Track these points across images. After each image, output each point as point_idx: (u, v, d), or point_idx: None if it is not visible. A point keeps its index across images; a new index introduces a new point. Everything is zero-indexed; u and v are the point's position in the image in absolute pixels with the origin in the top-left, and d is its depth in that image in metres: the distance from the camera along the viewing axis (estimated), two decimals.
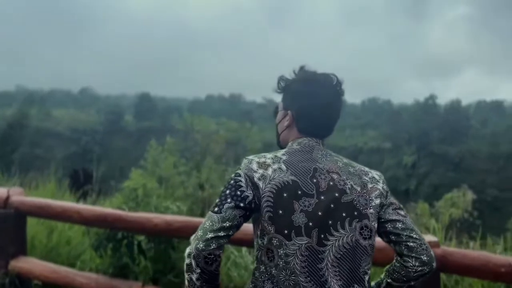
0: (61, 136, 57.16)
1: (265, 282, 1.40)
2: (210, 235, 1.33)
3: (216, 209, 1.38)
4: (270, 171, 1.41)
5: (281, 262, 1.37)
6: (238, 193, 1.38)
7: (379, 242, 1.52)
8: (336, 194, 1.41)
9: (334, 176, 1.44)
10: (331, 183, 1.42)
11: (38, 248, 4.21)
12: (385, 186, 1.49)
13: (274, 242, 1.37)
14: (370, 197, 1.44)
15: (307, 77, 1.54)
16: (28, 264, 3.74)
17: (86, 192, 6.60)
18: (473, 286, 3.09)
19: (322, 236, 1.37)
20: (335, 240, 1.38)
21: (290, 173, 1.41)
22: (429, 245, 1.47)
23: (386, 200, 1.48)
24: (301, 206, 1.37)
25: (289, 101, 1.56)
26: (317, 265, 1.36)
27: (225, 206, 1.37)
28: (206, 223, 1.36)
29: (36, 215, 3.97)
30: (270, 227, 1.37)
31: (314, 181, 1.41)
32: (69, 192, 6.25)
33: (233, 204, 1.37)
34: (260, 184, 1.39)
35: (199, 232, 1.36)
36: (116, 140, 57.96)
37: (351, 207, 1.41)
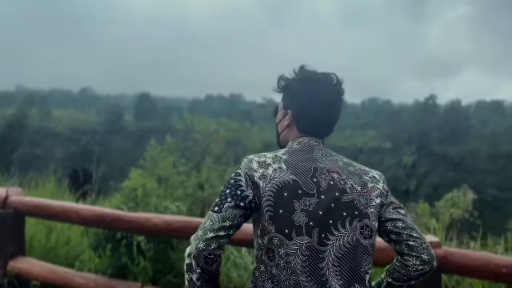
0: (61, 136, 57.18)
1: (265, 281, 1.40)
2: (210, 235, 1.33)
3: (216, 208, 1.37)
4: (270, 171, 1.40)
5: (281, 262, 1.36)
6: (238, 192, 1.38)
7: (380, 242, 1.52)
8: (336, 194, 1.40)
9: (335, 175, 1.43)
10: (332, 183, 1.42)
11: (36, 248, 4.20)
12: (385, 186, 1.49)
13: (275, 241, 1.37)
14: (370, 196, 1.44)
15: (307, 76, 1.54)
16: (26, 264, 3.73)
17: (85, 192, 6.58)
18: (473, 287, 3.08)
19: (323, 235, 1.37)
20: (336, 239, 1.37)
21: (291, 172, 1.41)
22: (429, 244, 1.47)
23: (386, 199, 1.48)
24: (301, 205, 1.37)
25: (289, 100, 1.56)
26: (317, 264, 1.36)
27: (225, 206, 1.36)
28: (206, 223, 1.36)
29: (35, 215, 3.96)
30: (270, 227, 1.37)
31: (315, 180, 1.41)
32: (68, 192, 6.24)
33: (233, 203, 1.37)
34: (260, 183, 1.38)
35: (199, 232, 1.35)
36: (116, 140, 57.98)
37: (352, 207, 1.41)
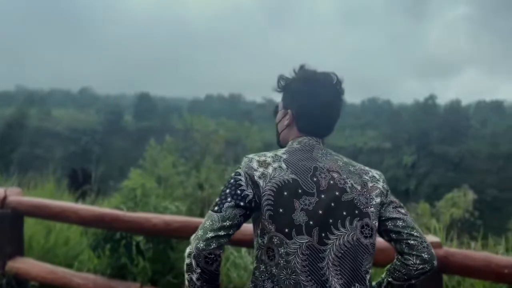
0: (60, 136, 57.21)
1: (265, 281, 1.39)
2: (210, 235, 1.32)
3: (216, 208, 1.37)
4: (270, 170, 1.40)
5: (281, 261, 1.36)
6: (238, 192, 1.37)
7: (381, 242, 1.51)
8: (336, 193, 1.40)
9: (335, 175, 1.43)
10: (332, 182, 1.41)
11: (35, 248, 4.19)
12: (385, 185, 1.49)
13: (275, 240, 1.36)
14: (370, 195, 1.44)
15: (307, 76, 1.54)
16: (25, 264, 3.71)
17: (84, 192, 6.57)
18: (474, 287, 3.06)
19: (323, 234, 1.36)
20: (336, 238, 1.37)
21: (291, 171, 1.40)
22: (430, 243, 1.46)
23: (386, 198, 1.48)
24: (301, 204, 1.36)
25: (289, 100, 1.56)
26: (318, 264, 1.35)
27: (225, 205, 1.36)
28: (206, 223, 1.35)
29: (33, 215, 3.95)
30: (270, 226, 1.36)
31: (315, 180, 1.40)
32: (68, 192, 6.23)
33: (233, 203, 1.36)
34: (260, 182, 1.38)
35: (199, 231, 1.34)
36: (115, 140, 58.00)
37: (352, 206, 1.40)
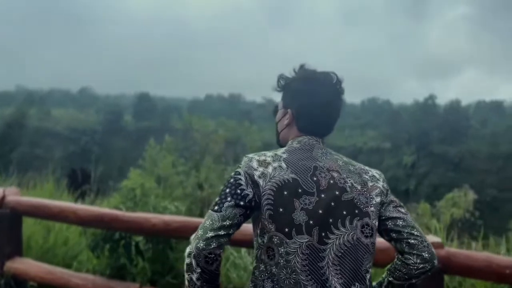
0: (60, 136, 57.19)
1: (265, 281, 1.39)
2: (210, 234, 1.32)
3: (216, 207, 1.36)
4: (270, 169, 1.40)
5: (281, 261, 1.35)
6: (238, 191, 1.37)
7: (381, 242, 1.51)
8: (336, 192, 1.40)
9: (334, 174, 1.43)
10: (332, 182, 1.41)
11: (34, 248, 4.18)
12: (385, 185, 1.49)
13: (275, 240, 1.36)
14: (370, 195, 1.44)
15: (307, 75, 1.54)
16: (23, 265, 3.71)
17: (84, 192, 6.56)
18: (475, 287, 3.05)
19: (323, 234, 1.36)
20: (336, 238, 1.37)
21: (291, 171, 1.40)
22: (430, 242, 1.46)
23: (386, 198, 1.48)
24: (301, 204, 1.36)
25: (289, 99, 1.56)
26: (318, 263, 1.35)
27: (225, 205, 1.36)
28: (206, 222, 1.35)
29: (32, 215, 3.94)
30: (270, 225, 1.36)
31: (315, 179, 1.40)
32: (67, 192, 6.22)
33: (233, 202, 1.36)
34: (260, 182, 1.38)
35: (199, 231, 1.34)
36: (115, 140, 58.00)
37: (352, 205, 1.40)
